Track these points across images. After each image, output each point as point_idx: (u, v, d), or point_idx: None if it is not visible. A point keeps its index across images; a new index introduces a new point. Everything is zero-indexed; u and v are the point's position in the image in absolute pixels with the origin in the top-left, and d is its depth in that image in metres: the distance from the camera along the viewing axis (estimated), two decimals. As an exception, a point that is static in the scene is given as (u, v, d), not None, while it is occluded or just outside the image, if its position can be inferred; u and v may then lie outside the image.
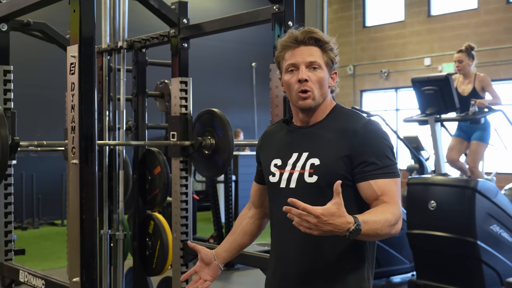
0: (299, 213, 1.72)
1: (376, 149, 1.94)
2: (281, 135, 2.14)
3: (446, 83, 5.79)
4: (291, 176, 2.01)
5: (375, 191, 1.92)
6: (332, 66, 2.04)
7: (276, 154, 2.09)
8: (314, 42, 2.00)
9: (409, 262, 6.29)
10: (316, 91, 2.00)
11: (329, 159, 1.95)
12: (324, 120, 2.05)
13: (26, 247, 7.14)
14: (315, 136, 2.03)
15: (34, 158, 10.49)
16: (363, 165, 1.93)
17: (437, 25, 13.35)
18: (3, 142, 2.96)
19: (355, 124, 1.99)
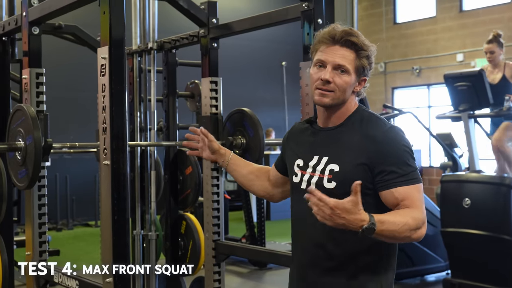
0: (316, 202, 1.72)
1: (396, 157, 1.91)
2: (305, 135, 2.13)
3: (479, 78, 5.70)
4: (311, 179, 2.01)
5: (397, 198, 1.90)
6: (362, 73, 2.00)
7: (299, 155, 2.09)
8: (350, 45, 1.96)
9: (443, 260, 6.21)
10: (337, 94, 1.96)
11: (348, 167, 1.93)
12: (345, 123, 2.02)
13: (60, 248, 7.26)
14: (335, 140, 2.01)
15: (67, 160, 10.62)
16: (384, 174, 1.91)
17: (469, 20, 13.16)
18: (36, 144, 2.98)
19: (375, 131, 1.95)
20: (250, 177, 2.37)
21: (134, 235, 4.19)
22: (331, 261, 1.97)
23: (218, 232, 3.85)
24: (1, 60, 3.90)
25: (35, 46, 3.38)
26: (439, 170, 8.38)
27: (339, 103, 1.99)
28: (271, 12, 3.50)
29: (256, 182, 2.36)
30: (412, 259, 5.97)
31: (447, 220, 5.60)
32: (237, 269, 7.06)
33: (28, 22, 3.34)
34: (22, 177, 3.16)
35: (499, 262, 5.26)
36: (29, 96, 3.34)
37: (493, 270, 5.32)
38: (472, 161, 5.91)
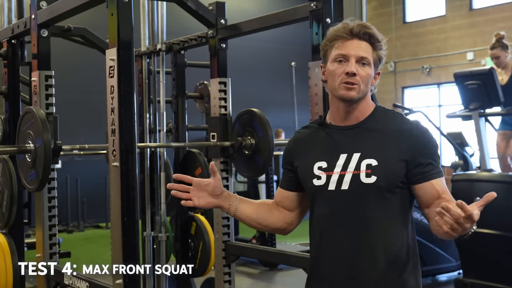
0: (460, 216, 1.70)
1: (430, 149, 1.95)
2: (320, 137, 2.06)
3: (490, 76, 5.67)
4: (343, 178, 1.94)
5: (437, 190, 1.92)
6: (378, 65, 2.02)
7: (319, 157, 2.01)
8: (368, 38, 1.97)
9: (455, 260, 6.18)
10: (361, 86, 1.95)
11: (388, 160, 1.92)
12: (368, 120, 2.01)
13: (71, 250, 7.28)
14: (364, 136, 1.98)
15: (78, 162, 10.65)
16: (423, 166, 1.92)
17: (479, 19, 13.10)
18: (46, 146, 2.99)
19: (406, 126, 1.98)
20: (263, 217, 2.15)
21: (144, 236, 4.19)
22: (375, 268, 1.92)
23: (228, 233, 3.84)
24: (10, 63, 3.91)
25: (44, 48, 3.39)
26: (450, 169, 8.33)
27: (362, 97, 1.98)
28: (279, 12, 3.49)
29: (271, 218, 2.16)
30: (423, 259, 5.93)
31: (458, 220, 5.56)
32: (248, 270, 7.05)
33: (37, 24, 3.36)
34: (32, 179, 3.17)
35: (511, 261, 5.22)
36: (38, 98, 3.35)
37: (505, 269, 5.28)
38: (483, 160, 5.88)
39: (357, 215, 1.92)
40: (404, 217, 1.97)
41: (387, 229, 1.92)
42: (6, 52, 3.92)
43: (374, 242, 1.91)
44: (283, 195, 2.16)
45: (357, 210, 1.92)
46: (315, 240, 2.04)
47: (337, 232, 1.95)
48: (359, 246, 1.92)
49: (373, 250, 1.91)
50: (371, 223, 1.91)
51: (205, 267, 4.10)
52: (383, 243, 1.92)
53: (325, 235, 1.99)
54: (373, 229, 1.91)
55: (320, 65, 2.07)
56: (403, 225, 1.96)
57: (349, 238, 1.93)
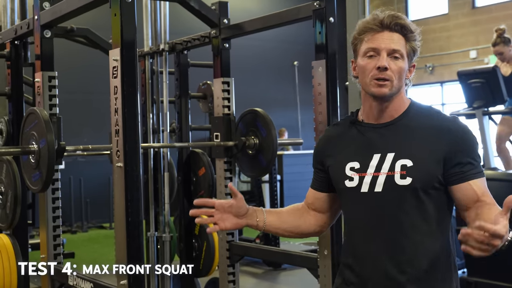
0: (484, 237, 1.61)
1: (470, 147, 1.84)
2: (352, 135, 1.95)
3: (494, 75, 5.66)
4: (376, 179, 1.84)
5: (476, 192, 1.82)
6: (413, 57, 1.90)
7: (351, 157, 1.91)
8: (400, 29, 1.85)
9: (459, 259, 6.15)
10: (394, 82, 1.85)
11: (424, 160, 1.81)
12: (404, 117, 1.89)
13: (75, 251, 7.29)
14: (398, 134, 1.87)
15: (81, 162, 10.67)
16: (461, 165, 1.81)
17: (482, 17, 13.08)
18: (50, 147, 2.99)
19: (445, 122, 1.86)
20: (294, 225, 2.07)
21: (148, 236, 4.19)
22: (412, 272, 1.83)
23: (232, 233, 3.84)
24: (13, 64, 3.92)
25: (47, 49, 3.39)
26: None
27: (395, 92, 1.87)
28: (282, 12, 3.49)
29: (302, 225, 2.08)
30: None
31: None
32: (252, 270, 7.05)
33: (40, 25, 3.35)
34: (36, 180, 3.17)
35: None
36: (42, 99, 3.35)
37: (510, 268, 5.26)
38: (487, 158, 5.86)
39: (392, 218, 1.83)
40: (442, 220, 1.86)
41: (423, 233, 1.82)
42: (9, 53, 3.92)
43: (411, 246, 1.82)
44: (315, 197, 2.07)
45: (392, 213, 1.83)
46: (350, 243, 1.95)
47: (371, 235, 1.86)
48: (395, 250, 1.83)
49: (409, 254, 1.82)
50: (407, 226, 1.81)
51: (209, 267, 4.10)
52: (420, 247, 1.82)
53: (359, 238, 1.91)
54: (409, 232, 1.81)
55: (351, 61, 1.97)
56: (440, 228, 1.85)
57: (384, 242, 1.84)
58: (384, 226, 1.84)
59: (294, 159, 10.76)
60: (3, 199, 3.62)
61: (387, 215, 1.84)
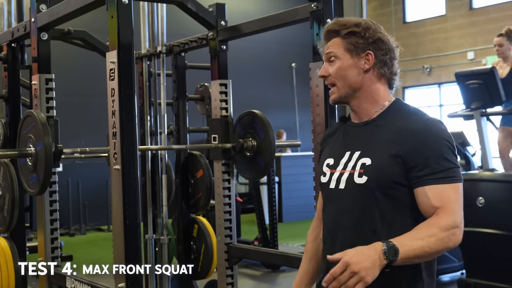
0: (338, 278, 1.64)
1: (434, 150, 1.77)
2: (338, 133, 2.03)
3: (491, 75, 5.66)
4: (341, 177, 1.88)
5: (430, 199, 1.77)
6: (356, 48, 1.88)
7: (330, 154, 1.98)
8: (333, 34, 1.92)
9: (458, 260, 6.16)
10: (339, 84, 1.91)
11: (381, 159, 1.80)
12: (381, 116, 1.90)
13: (73, 253, 7.28)
14: (369, 134, 1.89)
15: (79, 165, 10.65)
16: (418, 169, 1.77)
17: (479, 18, 13.09)
18: (47, 149, 2.98)
19: (413, 123, 1.83)
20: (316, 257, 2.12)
21: (146, 239, 4.18)
22: None
23: (231, 235, 3.83)
24: (10, 66, 3.91)
25: (44, 51, 3.39)
26: (452, 169, 8.30)
27: (350, 92, 1.91)
28: (280, 13, 3.48)
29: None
30: (426, 259, 5.92)
31: (461, 220, 5.55)
32: (250, 272, 7.04)
33: (37, 28, 3.35)
34: (33, 183, 3.16)
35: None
36: (39, 102, 3.35)
37: (509, 269, 5.26)
38: (485, 159, 5.86)
39: (353, 215, 1.85)
40: (401, 220, 1.81)
41: (379, 232, 1.80)
42: (6, 56, 3.91)
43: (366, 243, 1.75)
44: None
45: (353, 210, 1.85)
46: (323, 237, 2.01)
47: (336, 233, 1.90)
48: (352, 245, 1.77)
49: None
50: (364, 225, 1.82)
51: (208, 270, 4.09)
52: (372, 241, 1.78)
53: (327, 235, 1.96)
54: (366, 231, 1.81)
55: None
56: (400, 229, 1.77)
57: (345, 240, 1.85)
58: (346, 224, 1.87)
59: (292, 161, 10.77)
60: (0, 202, 3.61)
61: (349, 212, 1.87)
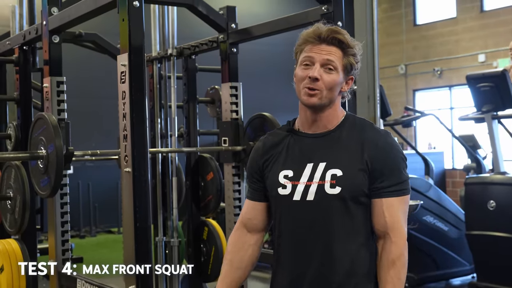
0: None
1: (394, 163, 1.89)
2: (287, 144, 2.00)
3: (503, 78, 5.63)
4: (308, 188, 1.89)
5: (384, 213, 1.87)
6: (350, 71, 1.94)
7: (285, 165, 1.96)
8: (337, 43, 1.91)
9: (468, 264, 6.13)
10: (324, 92, 1.90)
11: (352, 171, 1.87)
12: (339, 129, 1.95)
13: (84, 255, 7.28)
14: (331, 145, 1.92)
15: (90, 167, 10.67)
16: (380, 180, 1.88)
17: (490, 20, 13.03)
18: (58, 152, 2.99)
19: (374, 136, 1.91)
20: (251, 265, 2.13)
21: (156, 241, 4.18)
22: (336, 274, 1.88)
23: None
24: (22, 69, 3.92)
25: (55, 54, 3.40)
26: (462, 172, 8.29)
27: (327, 104, 1.92)
28: (290, 16, 3.48)
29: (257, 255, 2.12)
30: (437, 263, 5.90)
31: (472, 223, 5.53)
32: (260, 275, 7.02)
33: (48, 31, 3.37)
34: (44, 186, 3.17)
35: (526, 265, 5.18)
36: (50, 104, 3.36)
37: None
38: (497, 162, 5.84)
39: (321, 226, 1.88)
40: (369, 229, 1.92)
41: (353, 241, 1.88)
42: (17, 59, 3.93)
43: (337, 254, 1.87)
44: (254, 208, 2.08)
45: (322, 221, 1.88)
46: (281, 251, 1.98)
47: (302, 242, 1.91)
48: (322, 257, 1.88)
49: (336, 262, 1.87)
50: (335, 235, 1.87)
51: (218, 272, 4.05)
52: (349, 255, 1.87)
53: (289, 246, 1.95)
54: (337, 241, 1.87)
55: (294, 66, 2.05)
56: (368, 237, 1.91)
57: (312, 250, 1.89)
58: (315, 234, 1.88)
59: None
60: (11, 204, 3.62)
61: (317, 224, 1.88)
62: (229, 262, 2.10)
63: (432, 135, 13.25)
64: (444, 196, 6.16)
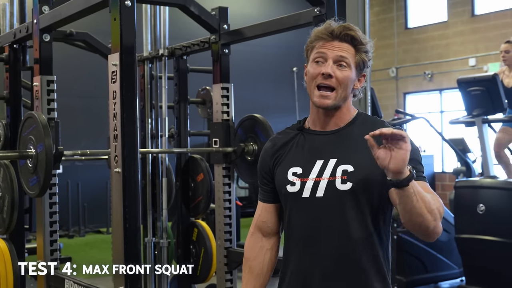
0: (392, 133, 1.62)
1: (413, 154, 1.81)
2: (297, 142, 1.99)
3: (493, 82, 5.66)
4: (318, 185, 1.88)
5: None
6: (362, 68, 1.93)
7: (294, 163, 1.95)
8: (350, 40, 1.89)
9: (457, 267, 6.15)
10: (339, 91, 1.88)
11: (364, 166, 1.84)
12: (349, 126, 1.94)
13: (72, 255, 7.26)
14: (342, 142, 1.92)
15: (79, 166, 10.63)
16: None
17: (481, 25, 13.08)
18: (47, 151, 2.97)
19: None
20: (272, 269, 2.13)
21: (145, 242, 4.17)
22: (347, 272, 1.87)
23: (230, 239, 3.82)
24: (12, 68, 3.90)
25: (46, 53, 3.38)
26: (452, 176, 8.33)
27: (341, 102, 1.91)
28: (283, 18, 3.48)
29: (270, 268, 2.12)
30: (426, 266, 5.91)
31: (462, 226, 5.55)
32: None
33: (39, 29, 3.34)
34: (33, 185, 3.15)
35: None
36: (40, 103, 3.34)
37: (508, 277, 5.25)
38: (486, 166, 5.86)
39: (333, 222, 1.87)
40: (381, 223, 1.90)
41: (363, 236, 1.86)
42: (7, 57, 3.90)
43: (351, 250, 1.86)
44: (268, 211, 2.07)
45: (333, 217, 1.87)
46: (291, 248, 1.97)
47: (313, 240, 1.90)
48: (336, 253, 1.87)
49: (350, 256, 1.86)
50: (348, 230, 1.86)
51: (207, 274, 4.07)
52: (360, 250, 1.86)
53: (301, 244, 1.94)
54: (350, 236, 1.86)
55: (304, 65, 2.01)
56: (379, 231, 1.90)
57: (325, 246, 1.88)
58: (325, 230, 1.87)
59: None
60: (0, 204, 3.60)
61: (328, 220, 1.87)
62: (249, 270, 2.09)
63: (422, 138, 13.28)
64: (434, 199, 6.17)
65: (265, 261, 2.09)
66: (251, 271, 2.09)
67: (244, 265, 2.12)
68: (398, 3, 14.68)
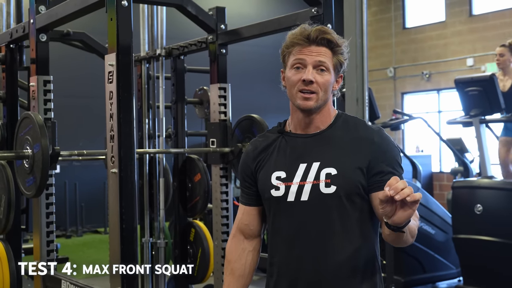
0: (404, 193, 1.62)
1: (393, 157, 1.89)
2: (279, 145, 1.98)
3: (491, 83, 5.65)
4: (302, 188, 1.88)
5: None
6: (339, 70, 1.93)
7: (277, 166, 1.94)
8: (326, 43, 1.89)
9: (455, 267, 6.15)
10: (320, 94, 1.89)
11: (347, 169, 1.85)
12: (331, 128, 1.94)
13: (70, 255, 7.25)
14: (324, 144, 1.91)
15: (76, 167, 10.62)
16: (382, 174, 1.85)
17: (479, 25, 13.09)
18: (44, 152, 2.97)
19: (369, 132, 1.91)
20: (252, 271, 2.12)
21: (143, 242, 4.16)
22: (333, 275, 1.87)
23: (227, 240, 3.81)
24: (8, 68, 3.89)
25: (42, 53, 3.38)
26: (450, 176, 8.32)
27: (322, 105, 1.91)
28: (280, 18, 3.48)
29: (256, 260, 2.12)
30: (423, 266, 5.91)
31: (459, 227, 5.54)
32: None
33: (36, 29, 3.34)
34: (29, 185, 3.14)
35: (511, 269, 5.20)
36: (36, 103, 3.33)
37: (506, 277, 5.25)
38: (484, 166, 5.86)
39: (318, 226, 1.87)
40: (366, 227, 1.90)
41: (348, 239, 1.86)
42: (4, 57, 3.89)
43: (335, 252, 1.86)
44: (250, 213, 2.07)
45: (318, 221, 1.87)
46: (275, 253, 1.97)
47: (297, 244, 1.90)
48: (321, 257, 1.87)
49: (334, 259, 1.86)
50: (333, 233, 1.86)
51: (204, 274, 4.07)
52: (344, 253, 1.86)
53: (285, 247, 1.93)
54: (335, 239, 1.86)
55: (281, 70, 2.02)
56: (365, 234, 1.89)
57: (310, 250, 1.88)
58: (310, 233, 1.87)
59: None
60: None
61: (313, 224, 1.87)
62: (231, 272, 2.09)
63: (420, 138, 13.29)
64: (431, 200, 6.17)
65: (247, 263, 2.09)
66: (233, 273, 2.08)
67: (226, 267, 2.11)
68: (396, 3, 14.69)
